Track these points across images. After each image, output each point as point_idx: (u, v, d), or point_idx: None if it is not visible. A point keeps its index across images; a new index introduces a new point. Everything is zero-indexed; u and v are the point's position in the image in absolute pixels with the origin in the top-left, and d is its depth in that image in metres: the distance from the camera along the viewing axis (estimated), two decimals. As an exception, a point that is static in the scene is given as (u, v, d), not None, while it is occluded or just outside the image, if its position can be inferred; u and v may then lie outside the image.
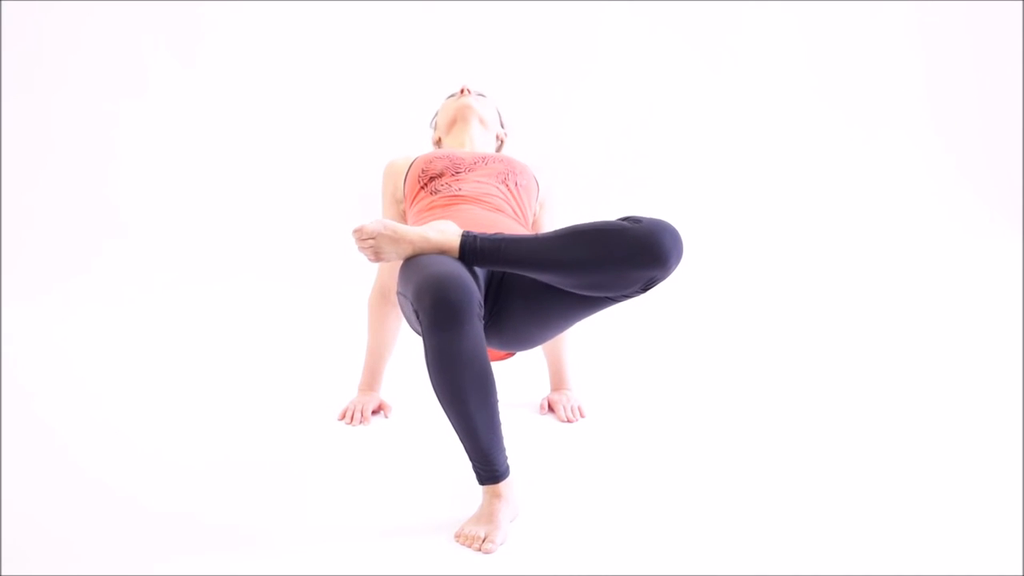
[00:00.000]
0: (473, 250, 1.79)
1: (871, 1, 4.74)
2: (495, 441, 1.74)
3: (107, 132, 4.08)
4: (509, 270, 1.80)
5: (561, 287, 1.80)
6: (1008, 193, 4.83)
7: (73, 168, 4.05)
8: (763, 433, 2.28)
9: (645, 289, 1.75)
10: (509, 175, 2.21)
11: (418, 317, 1.68)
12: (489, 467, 1.76)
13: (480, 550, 1.67)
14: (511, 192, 2.19)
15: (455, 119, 2.41)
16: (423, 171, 2.23)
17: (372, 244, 1.82)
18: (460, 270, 1.69)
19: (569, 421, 2.37)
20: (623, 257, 1.69)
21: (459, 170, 2.20)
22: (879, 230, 4.54)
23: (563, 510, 1.84)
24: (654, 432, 2.31)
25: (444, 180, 2.19)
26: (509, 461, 1.80)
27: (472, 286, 1.66)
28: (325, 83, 4.26)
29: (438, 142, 2.49)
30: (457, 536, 1.71)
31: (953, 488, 1.91)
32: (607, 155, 4.47)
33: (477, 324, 1.66)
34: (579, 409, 2.42)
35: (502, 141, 2.50)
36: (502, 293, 1.91)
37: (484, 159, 2.25)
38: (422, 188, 2.20)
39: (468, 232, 1.81)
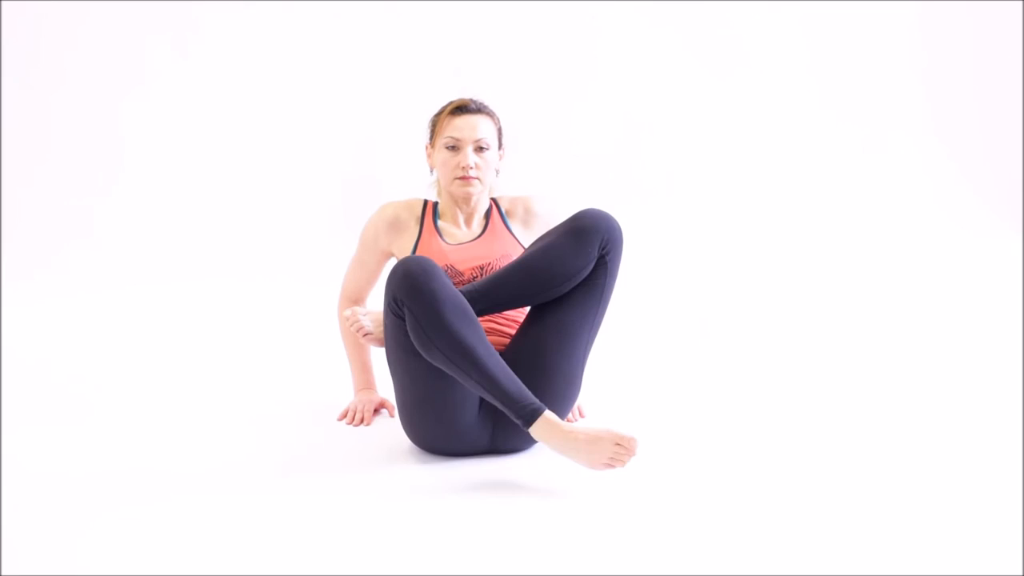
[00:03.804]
0: None
1: (871, 1, 4.74)
2: (513, 378, 1.90)
3: (103, 127, 4.08)
4: (494, 303, 2.03)
5: (539, 295, 2.03)
6: (1008, 193, 4.83)
7: (70, 161, 4.05)
8: (762, 433, 2.29)
9: (603, 254, 2.02)
10: None
11: (396, 302, 1.92)
12: (526, 400, 1.88)
13: (632, 450, 1.84)
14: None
15: (452, 196, 2.34)
16: None
17: (361, 319, 2.08)
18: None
19: (568, 422, 2.37)
20: (564, 230, 2.03)
21: None
22: (879, 231, 4.55)
23: (562, 511, 1.84)
24: (653, 432, 2.31)
25: None
26: (507, 465, 1.82)
27: (433, 262, 1.94)
28: (320, 77, 4.26)
29: (431, 170, 2.42)
30: (608, 462, 1.84)
31: (953, 488, 1.91)
32: (610, 158, 4.47)
33: (448, 281, 1.92)
34: (578, 409, 2.42)
35: (498, 171, 2.40)
36: None
37: (481, 270, 2.26)
38: None
39: None
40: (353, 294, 2.47)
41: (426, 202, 2.39)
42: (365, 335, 2.12)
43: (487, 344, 1.92)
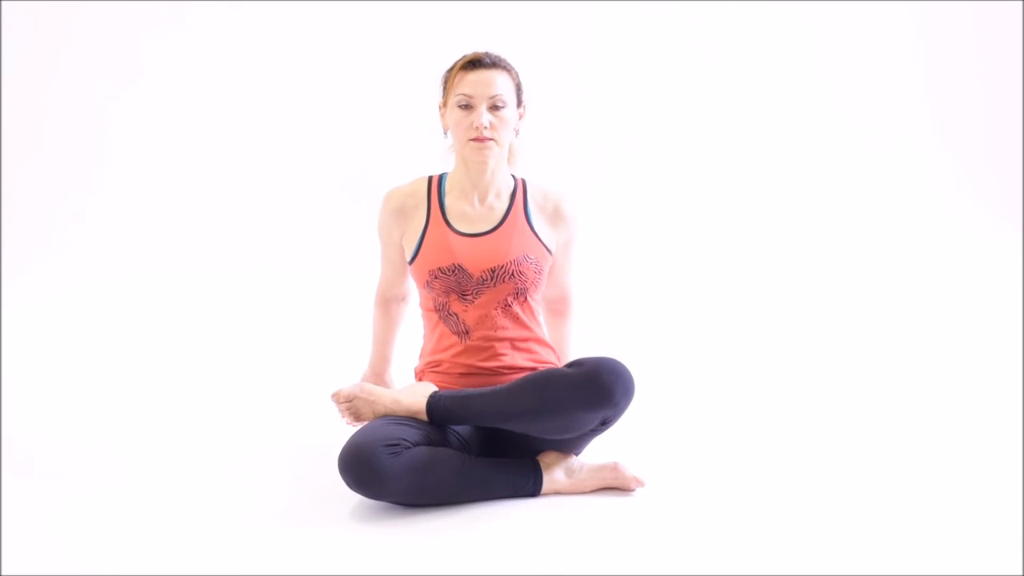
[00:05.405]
0: (439, 411, 1.95)
1: (872, 1, 4.73)
2: (503, 475, 1.91)
3: (100, 124, 4.07)
4: (476, 424, 1.98)
5: (527, 433, 1.96)
6: (1008, 193, 4.83)
7: (68, 159, 4.05)
8: (763, 434, 2.29)
9: (604, 425, 1.94)
10: (518, 292, 2.11)
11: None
12: (524, 485, 1.91)
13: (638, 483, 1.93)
14: (518, 308, 2.13)
15: (466, 161, 2.13)
16: (427, 283, 2.11)
17: (350, 407, 1.98)
18: (362, 438, 1.86)
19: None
20: (570, 401, 1.88)
21: (465, 292, 2.09)
22: (881, 230, 4.54)
23: (562, 512, 1.84)
24: (652, 433, 2.31)
25: (450, 309, 2.11)
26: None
27: (370, 444, 1.83)
28: (317, 72, 4.25)
29: (445, 132, 2.20)
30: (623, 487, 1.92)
31: (953, 488, 1.91)
32: (610, 159, 4.47)
33: (392, 460, 1.82)
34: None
35: (517, 131, 2.20)
36: (494, 440, 2.06)
37: (492, 272, 2.08)
38: (431, 298, 2.14)
39: (434, 394, 1.97)
40: (387, 293, 2.30)
41: (430, 179, 2.18)
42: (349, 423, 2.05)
43: (465, 474, 1.89)
